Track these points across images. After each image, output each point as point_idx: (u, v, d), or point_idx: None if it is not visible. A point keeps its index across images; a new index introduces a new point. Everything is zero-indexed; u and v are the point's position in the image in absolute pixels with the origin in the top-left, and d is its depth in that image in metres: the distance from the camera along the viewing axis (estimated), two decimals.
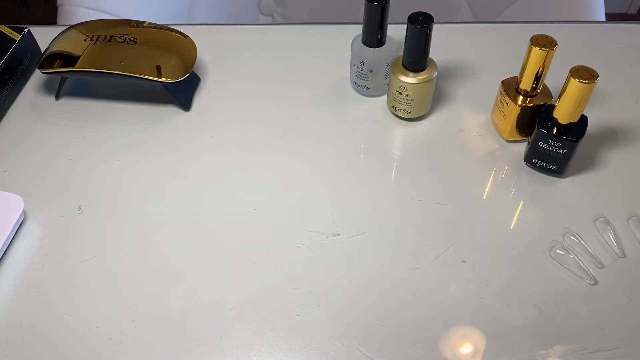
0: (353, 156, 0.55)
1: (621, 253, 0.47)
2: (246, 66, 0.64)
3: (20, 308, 0.45)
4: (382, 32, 0.56)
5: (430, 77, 0.54)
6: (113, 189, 0.53)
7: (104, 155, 0.56)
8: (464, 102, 0.60)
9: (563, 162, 0.51)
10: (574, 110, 0.48)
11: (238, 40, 0.68)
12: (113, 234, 0.49)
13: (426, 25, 0.51)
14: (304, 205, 0.51)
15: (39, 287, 0.46)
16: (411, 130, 0.58)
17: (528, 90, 0.52)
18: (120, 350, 0.42)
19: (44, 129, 0.58)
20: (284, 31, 0.70)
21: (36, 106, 0.61)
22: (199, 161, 0.55)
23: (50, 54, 0.59)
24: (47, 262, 0.47)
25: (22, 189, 0.52)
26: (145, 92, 0.61)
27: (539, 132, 0.50)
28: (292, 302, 0.45)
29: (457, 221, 0.50)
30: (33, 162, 0.55)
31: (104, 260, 0.48)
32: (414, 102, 0.56)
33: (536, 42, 0.49)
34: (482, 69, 0.63)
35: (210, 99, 0.61)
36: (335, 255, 0.47)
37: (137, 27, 0.61)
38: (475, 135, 0.57)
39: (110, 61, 0.57)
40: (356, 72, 0.59)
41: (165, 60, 0.58)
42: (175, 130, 0.58)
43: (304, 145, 0.56)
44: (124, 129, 0.58)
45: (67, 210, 0.51)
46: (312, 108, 0.60)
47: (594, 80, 0.46)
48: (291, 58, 0.65)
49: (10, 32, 0.61)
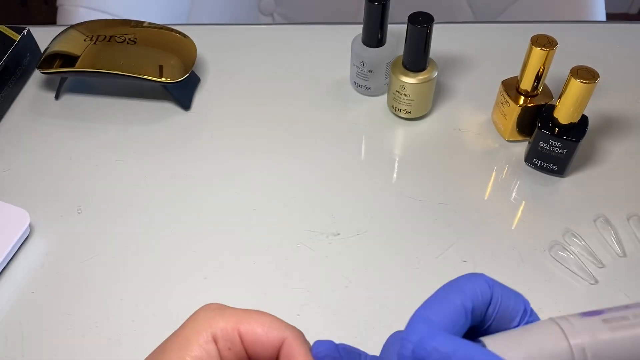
0: (353, 156, 0.55)
1: (621, 252, 0.47)
2: (246, 66, 0.64)
3: (20, 308, 0.45)
4: (383, 32, 0.55)
5: (431, 77, 0.54)
6: (113, 189, 0.53)
7: (104, 155, 0.56)
8: (465, 102, 0.60)
9: (564, 162, 0.51)
10: (575, 110, 0.48)
11: (238, 40, 0.68)
12: (113, 234, 0.49)
13: (426, 25, 0.51)
14: (304, 205, 0.51)
15: (39, 287, 0.46)
16: (411, 130, 0.57)
17: (529, 90, 0.52)
18: (120, 350, 0.42)
19: (43, 129, 0.58)
20: (284, 31, 0.70)
21: (36, 106, 0.60)
22: (199, 161, 0.55)
23: (49, 54, 0.59)
24: (46, 261, 0.47)
25: (22, 189, 0.52)
26: (145, 92, 0.61)
27: (539, 132, 0.50)
28: (292, 302, 0.45)
29: (457, 221, 0.50)
30: (32, 162, 0.55)
31: (104, 260, 0.48)
32: (414, 102, 0.56)
33: (537, 42, 0.49)
34: (483, 68, 0.63)
35: (210, 99, 0.61)
36: (335, 255, 0.47)
37: (136, 27, 0.61)
38: (476, 136, 0.57)
39: (110, 61, 0.57)
40: (356, 72, 0.59)
41: (165, 60, 0.58)
42: (175, 130, 0.58)
43: (303, 145, 0.56)
44: (123, 128, 0.58)
45: (66, 210, 0.51)
46: (312, 108, 0.60)
47: (594, 80, 0.46)
48: (291, 58, 0.65)
49: (9, 32, 0.61)
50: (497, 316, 0.27)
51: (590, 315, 0.25)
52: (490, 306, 0.27)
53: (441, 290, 0.27)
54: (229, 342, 0.29)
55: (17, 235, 0.47)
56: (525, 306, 0.28)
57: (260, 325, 0.29)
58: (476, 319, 0.27)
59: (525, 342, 0.25)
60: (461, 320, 0.26)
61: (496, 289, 0.27)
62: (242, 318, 0.29)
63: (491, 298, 0.27)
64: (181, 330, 0.30)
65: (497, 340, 0.26)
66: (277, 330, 0.29)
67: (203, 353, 0.29)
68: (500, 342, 0.25)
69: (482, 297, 0.27)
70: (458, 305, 0.26)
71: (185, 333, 0.29)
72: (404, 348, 0.26)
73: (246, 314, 0.30)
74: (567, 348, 0.24)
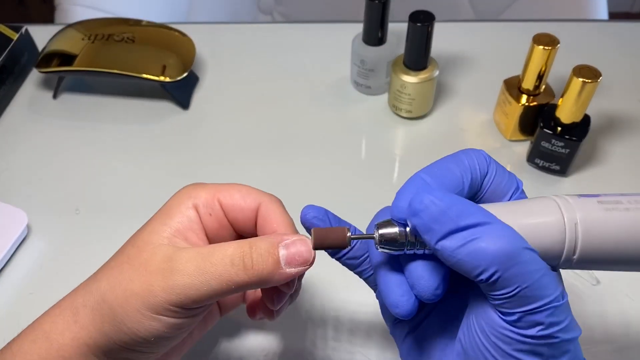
0: (354, 155, 0.55)
1: None
2: (245, 65, 0.64)
3: (18, 309, 0.44)
4: (383, 30, 0.55)
5: (432, 76, 0.54)
6: (111, 188, 0.52)
7: (102, 154, 0.55)
8: (466, 101, 0.59)
9: (566, 161, 0.50)
10: (577, 109, 0.47)
11: (237, 38, 0.67)
12: (111, 234, 0.49)
13: (427, 23, 0.50)
14: (303, 205, 0.51)
15: (37, 288, 0.46)
16: (412, 130, 0.57)
17: (530, 89, 0.51)
18: None
19: (41, 128, 0.58)
20: (284, 30, 0.70)
21: (34, 105, 0.60)
22: (198, 160, 0.55)
23: (47, 53, 0.58)
24: (45, 262, 0.47)
25: (19, 189, 0.52)
26: (143, 91, 0.60)
27: (541, 132, 0.49)
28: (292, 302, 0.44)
29: None
30: (30, 161, 0.55)
31: (102, 261, 0.47)
32: (415, 101, 0.55)
33: (538, 41, 0.48)
34: (484, 67, 0.63)
35: (208, 98, 0.61)
36: None
37: (135, 26, 0.60)
38: (477, 135, 0.56)
39: (108, 60, 0.57)
40: (357, 70, 0.58)
41: (163, 59, 0.57)
42: (173, 129, 0.57)
43: (303, 145, 0.56)
44: (122, 128, 0.58)
45: (65, 210, 0.50)
46: (312, 107, 0.59)
47: (596, 79, 0.45)
48: (291, 57, 0.65)
49: (7, 31, 0.60)
50: (490, 189, 0.28)
51: (587, 197, 0.26)
52: (486, 178, 0.28)
53: (441, 160, 0.28)
54: (209, 209, 0.31)
55: (15, 236, 0.47)
56: (517, 184, 0.29)
57: (237, 192, 0.32)
58: (472, 191, 0.28)
59: (519, 211, 0.26)
60: (457, 189, 0.27)
61: (492, 165, 0.28)
62: (222, 187, 0.32)
63: (487, 172, 0.28)
64: (165, 204, 0.32)
65: (492, 207, 0.26)
66: (253, 196, 0.31)
67: (184, 218, 0.31)
68: (495, 208, 0.26)
69: (480, 171, 0.27)
70: (457, 174, 0.27)
71: (169, 204, 0.32)
72: (400, 200, 0.26)
73: (225, 185, 0.32)
74: (560, 220, 0.25)
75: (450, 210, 0.24)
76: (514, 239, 0.23)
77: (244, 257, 0.28)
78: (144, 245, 0.30)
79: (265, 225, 0.31)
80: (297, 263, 0.28)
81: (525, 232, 0.24)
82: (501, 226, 0.24)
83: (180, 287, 0.27)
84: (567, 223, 0.25)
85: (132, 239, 0.31)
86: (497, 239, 0.23)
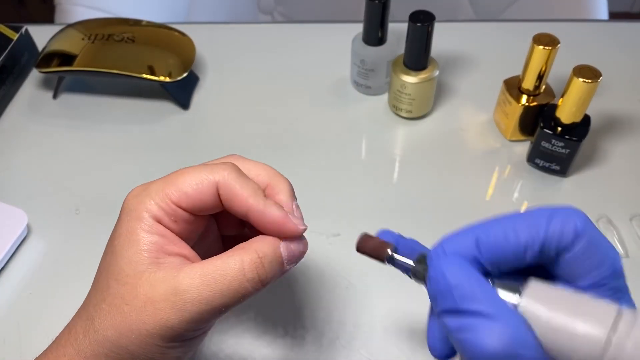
0: (354, 156, 0.55)
1: (624, 253, 0.47)
2: (245, 65, 0.64)
3: (18, 309, 0.44)
4: (383, 30, 0.55)
5: (432, 76, 0.54)
6: (111, 188, 0.52)
7: (102, 154, 0.55)
8: (466, 101, 0.59)
9: (566, 162, 0.50)
10: (577, 109, 0.47)
11: (237, 38, 0.67)
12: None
13: (427, 23, 0.50)
14: (303, 205, 0.51)
15: (37, 288, 0.45)
16: (412, 130, 0.57)
17: (530, 89, 0.51)
18: None
19: (41, 129, 0.58)
20: (284, 30, 0.70)
21: (33, 105, 0.60)
22: (198, 160, 0.54)
23: (47, 53, 0.58)
24: (44, 262, 0.47)
25: (19, 189, 0.52)
26: (143, 92, 0.60)
27: (541, 132, 0.49)
28: (291, 302, 0.44)
29: (459, 221, 0.49)
30: (30, 161, 0.55)
31: None
32: (415, 101, 0.55)
33: (539, 41, 0.48)
34: (484, 67, 0.63)
35: (208, 98, 0.61)
36: (335, 255, 0.47)
37: (135, 26, 0.60)
38: (477, 135, 0.56)
39: (108, 60, 0.57)
40: (357, 71, 0.58)
41: (163, 59, 0.57)
42: (173, 130, 0.57)
43: (303, 145, 0.56)
44: (122, 128, 0.58)
45: (64, 210, 0.50)
46: (312, 107, 0.59)
47: (596, 79, 0.45)
48: (291, 57, 0.65)
49: (7, 31, 0.60)
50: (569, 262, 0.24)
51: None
52: (567, 254, 0.24)
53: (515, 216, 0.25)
54: (171, 216, 0.29)
55: (15, 236, 0.47)
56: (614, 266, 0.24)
57: (188, 187, 0.29)
58: (542, 260, 0.25)
59: (563, 309, 0.22)
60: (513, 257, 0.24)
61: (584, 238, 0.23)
62: (169, 190, 0.29)
63: (572, 247, 0.24)
64: (120, 226, 0.29)
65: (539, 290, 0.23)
66: (205, 182, 0.29)
67: (155, 238, 0.28)
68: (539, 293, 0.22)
69: (558, 242, 0.24)
70: (519, 240, 0.24)
71: (127, 227, 0.29)
72: (437, 247, 0.26)
73: (169, 183, 0.29)
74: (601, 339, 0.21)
75: (456, 290, 0.23)
76: (514, 342, 0.22)
77: (257, 271, 0.28)
78: (132, 280, 0.28)
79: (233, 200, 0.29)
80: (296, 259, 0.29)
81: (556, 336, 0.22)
82: (505, 323, 0.22)
83: (196, 313, 0.27)
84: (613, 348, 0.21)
85: (110, 273, 0.28)
86: (494, 337, 0.22)
